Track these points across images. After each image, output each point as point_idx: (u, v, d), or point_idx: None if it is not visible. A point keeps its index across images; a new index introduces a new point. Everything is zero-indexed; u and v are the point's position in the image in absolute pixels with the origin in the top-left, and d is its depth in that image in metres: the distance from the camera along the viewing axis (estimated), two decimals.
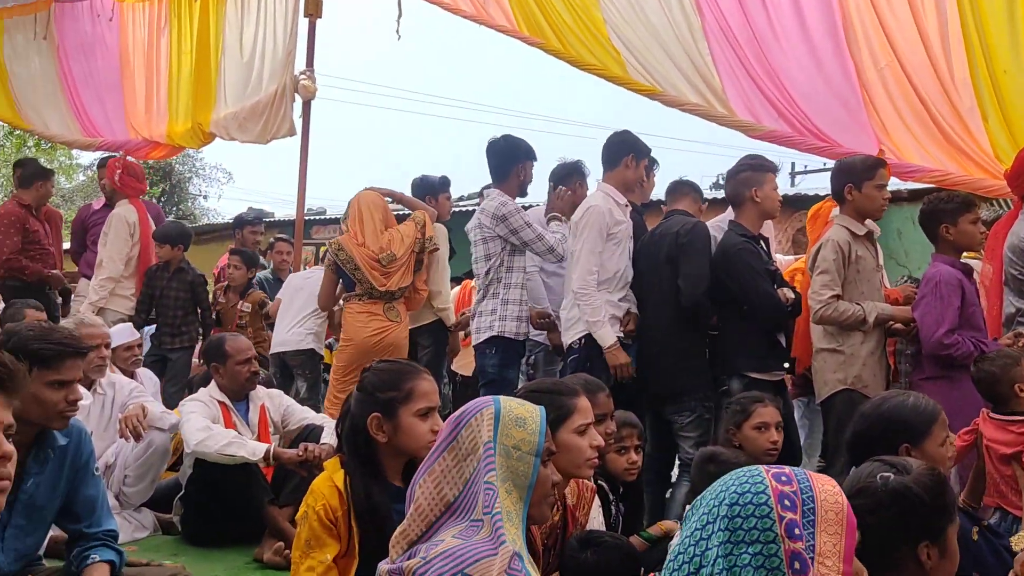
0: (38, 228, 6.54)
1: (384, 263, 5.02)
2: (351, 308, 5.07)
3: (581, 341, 4.23)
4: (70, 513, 2.82)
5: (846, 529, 1.40)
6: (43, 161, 16.44)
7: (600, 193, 4.43)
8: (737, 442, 3.31)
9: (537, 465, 1.92)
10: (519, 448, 1.92)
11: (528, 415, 1.96)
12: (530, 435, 1.92)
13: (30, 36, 7.40)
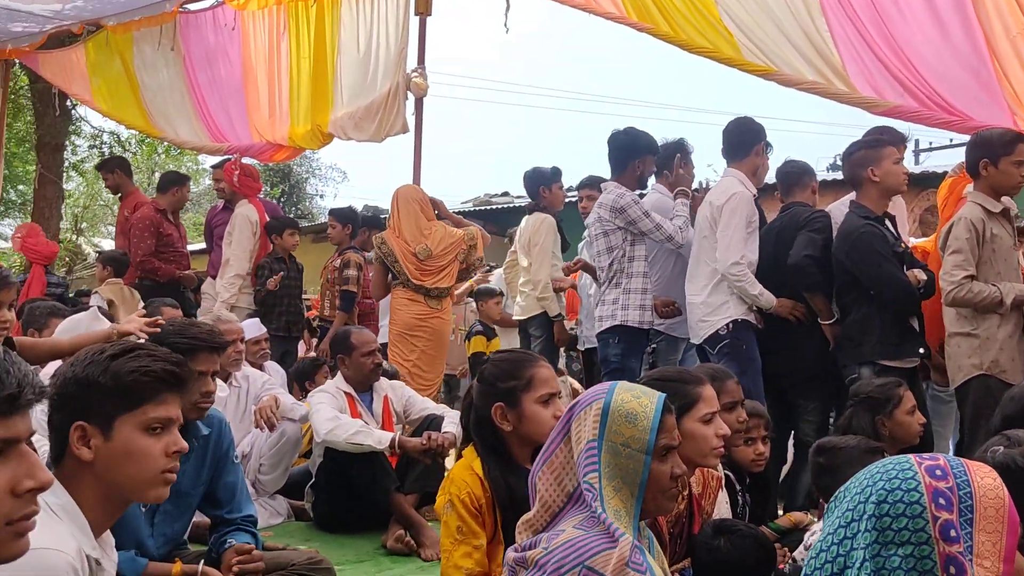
0: (172, 231, 6.92)
1: (420, 256, 5.39)
2: (396, 294, 5.53)
3: (729, 326, 4.23)
4: (212, 499, 2.98)
5: (1007, 527, 1.30)
6: (171, 166, 17.42)
7: (735, 180, 4.43)
8: (887, 431, 3.21)
9: (648, 463, 1.87)
10: (628, 446, 1.87)
11: (641, 410, 1.89)
12: (641, 432, 1.87)
13: (155, 46, 7.76)
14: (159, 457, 1.69)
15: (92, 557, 1.59)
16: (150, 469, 1.68)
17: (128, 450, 1.67)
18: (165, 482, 1.72)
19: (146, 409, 1.70)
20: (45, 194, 10.02)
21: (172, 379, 1.75)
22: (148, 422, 1.69)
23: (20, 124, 13.69)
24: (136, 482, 1.68)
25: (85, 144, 15.67)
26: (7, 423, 1.11)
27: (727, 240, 4.25)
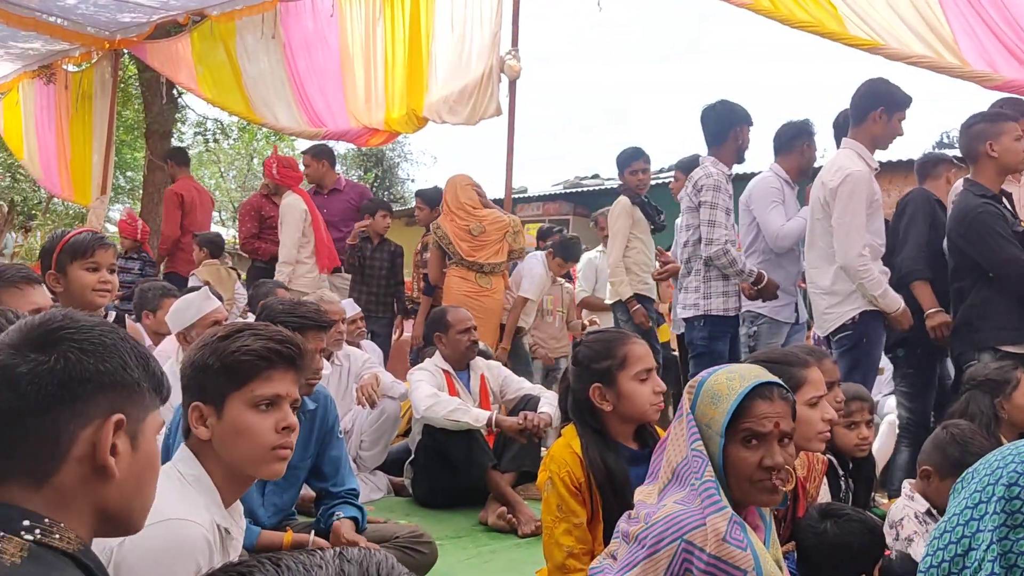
0: (274, 214, 7.13)
1: (474, 233, 5.74)
2: (449, 274, 5.79)
3: (856, 318, 3.95)
4: (318, 472, 3.08)
5: None
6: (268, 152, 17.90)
7: (851, 153, 4.04)
8: (1006, 414, 3.14)
9: (722, 445, 1.86)
10: (710, 426, 1.89)
11: (726, 392, 1.88)
12: (719, 415, 1.87)
13: (259, 36, 7.97)
14: (268, 433, 1.72)
15: (222, 526, 1.67)
16: (261, 445, 1.71)
17: (237, 427, 1.71)
18: (278, 458, 1.74)
19: (252, 387, 1.73)
20: (153, 180, 10.42)
21: (275, 356, 1.76)
22: (255, 399, 1.72)
23: (129, 112, 14.29)
24: (248, 459, 1.72)
25: (191, 131, 16.25)
26: None
27: (846, 228, 3.91)
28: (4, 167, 15.79)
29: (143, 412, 1.17)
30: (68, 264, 2.88)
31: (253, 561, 0.76)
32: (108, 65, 8.84)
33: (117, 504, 1.16)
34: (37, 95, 9.62)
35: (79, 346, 1.13)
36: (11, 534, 1.07)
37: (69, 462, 1.11)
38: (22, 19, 7.80)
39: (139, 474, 1.17)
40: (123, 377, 1.15)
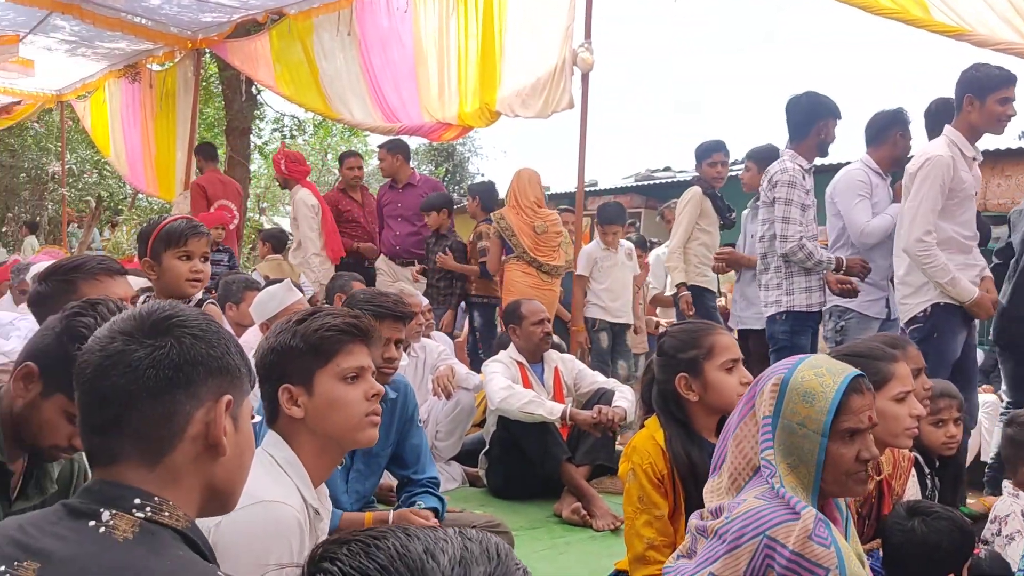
0: (351, 207, 7.28)
1: (538, 231, 5.88)
2: (510, 267, 5.90)
3: (927, 310, 3.89)
4: (399, 460, 3.14)
5: None
6: (343, 147, 18.20)
7: (942, 140, 3.95)
8: None
9: (824, 445, 1.82)
10: (804, 425, 1.84)
11: (820, 390, 1.84)
12: (817, 413, 1.83)
13: (335, 33, 8.09)
14: (360, 402, 1.81)
15: (312, 507, 1.72)
16: (355, 414, 1.80)
17: (331, 400, 1.79)
18: (372, 424, 1.83)
19: (338, 361, 1.82)
20: (234, 176, 10.68)
21: (354, 330, 1.86)
22: (343, 372, 1.81)
23: (210, 110, 14.69)
24: (345, 428, 1.80)
25: (269, 128, 16.61)
26: None
27: (912, 212, 3.86)
28: (92, 164, 16.39)
29: (242, 395, 1.25)
30: (162, 252, 2.96)
31: (385, 529, 0.79)
32: (190, 64, 9.08)
33: (223, 481, 1.23)
34: (123, 94, 9.95)
35: (191, 332, 1.20)
36: (123, 512, 1.13)
37: (184, 441, 1.18)
38: (108, 20, 8.06)
39: (241, 453, 1.25)
40: (227, 362, 1.22)
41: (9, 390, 1.76)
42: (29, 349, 1.76)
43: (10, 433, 1.75)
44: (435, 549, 0.77)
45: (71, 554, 1.08)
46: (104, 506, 1.13)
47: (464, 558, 0.78)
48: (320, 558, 0.78)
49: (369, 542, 0.78)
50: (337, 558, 0.77)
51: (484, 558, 0.79)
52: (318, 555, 0.79)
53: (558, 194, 14.77)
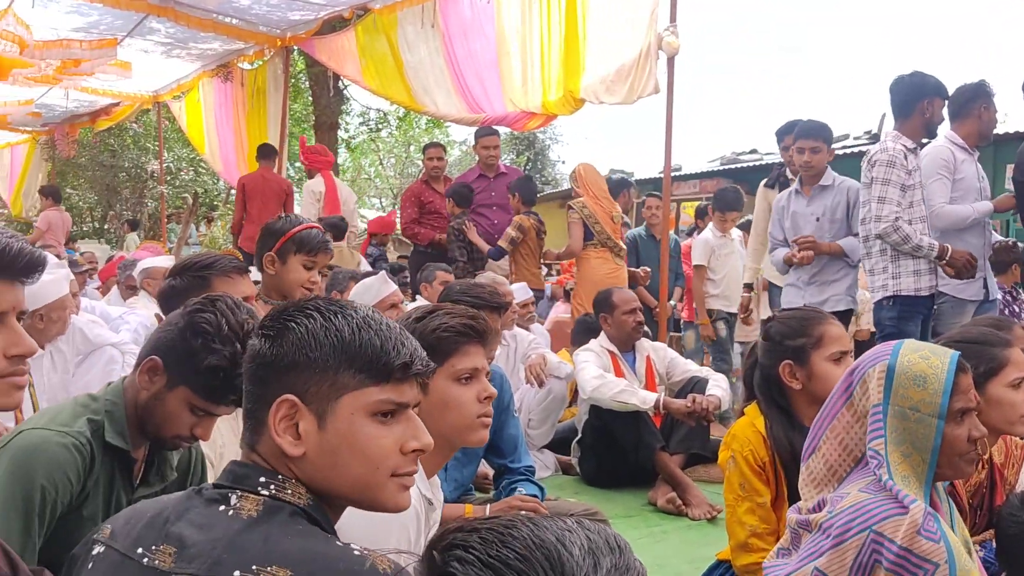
0: (433, 198, 7.37)
1: (616, 221, 6.28)
2: (587, 254, 6.19)
3: None
4: (496, 449, 3.17)
5: None
6: (426, 139, 18.44)
7: None
8: None
9: (941, 427, 1.78)
10: (918, 410, 1.79)
11: (931, 372, 1.79)
12: (931, 396, 1.78)
13: (418, 26, 8.18)
14: (473, 403, 1.83)
15: (426, 497, 1.77)
16: (467, 415, 1.82)
17: (444, 400, 1.81)
18: (483, 425, 1.85)
19: (453, 362, 1.83)
20: None
21: (471, 331, 1.87)
22: (457, 373, 1.83)
23: (298, 106, 15.03)
24: (456, 428, 1.83)
25: (355, 122, 16.92)
26: (399, 389, 1.22)
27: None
28: (188, 162, 16.96)
29: (335, 391, 1.19)
30: (291, 254, 3.02)
31: (511, 517, 0.80)
32: (279, 62, 9.31)
33: (316, 480, 1.21)
34: (216, 93, 10.26)
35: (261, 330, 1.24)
36: (249, 492, 1.18)
37: (265, 436, 1.22)
38: (201, 21, 8.32)
39: (332, 452, 1.20)
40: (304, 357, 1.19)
41: (134, 382, 1.85)
42: (153, 343, 1.85)
43: (134, 423, 1.84)
44: (565, 539, 0.78)
45: (201, 536, 1.13)
46: (234, 485, 1.19)
47: (592, 549, 0.78)
48: (451, 546, 0.78)
49: (502, 531, 0.78)
50: (470, 546, 0.77)
51: (607, 549, 0.79)
52: (446, 543, 0.79)
53: (642, 180, 14.63)
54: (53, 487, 1.67)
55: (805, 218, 4.74)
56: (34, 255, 1.37)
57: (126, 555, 1.17)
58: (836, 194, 4.70)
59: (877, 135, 12.76)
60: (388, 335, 1.21)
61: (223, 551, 1.10)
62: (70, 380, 3.73)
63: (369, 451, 1.20)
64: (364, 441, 1.20)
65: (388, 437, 1.21)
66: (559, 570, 0.75)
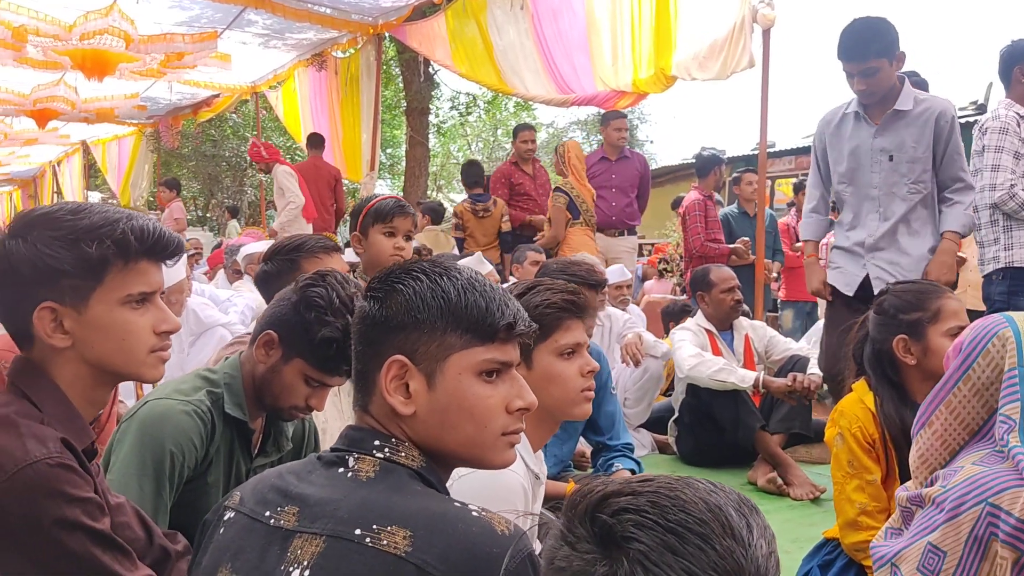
0: (523, 180, 7.41)
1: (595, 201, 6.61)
2: (574, 232, 6.42)
3: None
4: (594, 426, 3.19)
5: None
6: (513, 122, 18.47)
7: None
8: None
9: None
10: None
11: None
12: None
13: (507, 8, 8.19)
14: (576, 378, 1.85)
15: (533, 471, 1.80)
16: (572, 389, 1.84)
17: (549, 375, 1.83)
18: (586, 399, 1.87)
19: (556, 337, 1.85)
20: (415, 155, 11.06)
21: (572, 307, 1.88)
22: (560, 348, 1.85)
23: (389, 92, 15.25)
24: (561, 402, 1.85)
25: (446, 106, 17.07)
26: (504, 349, 1.24)
27: None
28: (285, 150, 17.41)
29: (443, 351, 1.22)
30: (370, 227, 3.11)
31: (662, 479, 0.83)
32: (372, 49, 9.45)
33: (427, 440, 1.24)
34: (311, 81, 10.50)
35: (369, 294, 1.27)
36: (365, 454, 1.22)
37: (376, 397, 1.25)
38: (296, 11, 8.51)
39: (441, 411, 1.22)
40: (412, 319, 1.22)
41: (251, 356, 1.93)
42: (268, 318, 1.92)
43: (251, 395, 1.92)
44: (721, 502, 0.81)
45: (323, 497, 1.18)
46: (351, 448, 1.23)
47: (742, 511, 0.81)
48: (622, 510, 0.80)
49: (670, 494, 0.81)
50: (643, 510, 0.79)
51: (748, 509, 0.82)
52: (614, 508, 0.80)
53: (735, 157, 14.33)
54: (180, 452, 1.76)
55: (871, 155, 3.81)
56: (177, 240, 1.49)
57: (254, 518, 1.22)
58: (918, 122, 3.72)
59: (984, 105, 12.21)
60: (492, 296, 1.24)
61: (344, 510, 1.14)
62: (185, 359, 3.90)
63: (477, 410, 1.23)
64: (472, 400, 1.22)
65: (495, 396, 1.24)
66: (729, 532, 0.78)
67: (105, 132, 15.01)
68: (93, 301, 1.39)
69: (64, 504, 1.29)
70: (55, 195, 19.27)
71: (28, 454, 1.28)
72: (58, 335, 1.38)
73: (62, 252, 1.36)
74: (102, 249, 1.37)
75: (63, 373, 1.40)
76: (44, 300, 1.37)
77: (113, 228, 1.39)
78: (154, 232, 1.44)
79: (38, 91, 10.41)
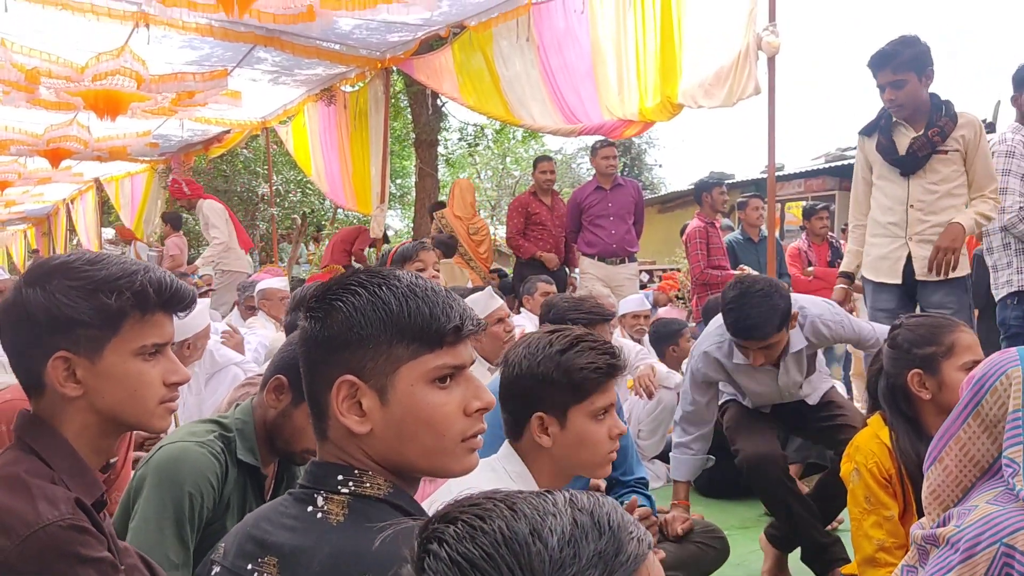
0: (539, 210, 7.43)
1: (471, 233, 7.18)
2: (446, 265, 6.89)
3: None
4: None
5: None
6: (521, 151, 18.60)
7: None
8: None
9: None
10: None
11: None
12: None
13: (513, 39, 8.26)
14: (605, 441, 1.86)
15: None
16: (600, 453, 1.86)
17: (582, 438, 1.83)
18: (610, 461, 1.89)
19: (594, 399, 1.85)
20: (424, 186, 11.12)
21: (612, 371, 1.88)
22: (596, 411, 1.85)
23: (398, 124, 15.37)
24: (588, 464, 1.87)
25: (454, 137, 17.19)
26: (454, 352, 1.20)
27: None
28: (296, 184, 17.56)
29: (391, 364, 1.18)
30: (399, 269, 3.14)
31: (490, 504, 0.77)
32: (380, 83, 9.54)
33: (387, 455, 1.20)
34: (320, 116, 10.60)
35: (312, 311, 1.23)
36: (332, 493, 1.19)
37: (331, 420, 1.21)
38: (305, 48, 8.62)
39: (398, 425, 1.19)
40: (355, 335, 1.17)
41: (262, 401, 1.94)
42: (277, 363, 1.94)
43: (264, 440, 1.93)
44: (542, 528, 0.74)
45: (299, 544, 1.14)
46: (317, 487, 1.20)
47: (574, 536, 0.74)
48: (429, 537, 0.76)
49: (475, 524, 0.75)
50: (444, 540, 0.75)
51: (595, 533, 0.75)
52: (428, 532, 0.77)
53: (744, 181, 14.36)
54: (199, 492, 1.77)
55: None
56: (190, 292, 1.50)
57: (237, 573, 1.19)
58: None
59: (993, 124, 12.21)
60: (436, 301, 1.19)
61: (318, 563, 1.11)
62: (200, 398, 3.92)
63: (435, 419, 1.19)
64: (428, 410, 1.19)
65: (450, 402, 1.20)
66: (528, 569, 0.71)
67: (118, 169, 15.16)
68: (108, 351, 1.40)
69: (78, 566, 1.29)
70: (69, 232, 19.44)
71: (40, 517, 1.28)
72: (70, 384, 1.39)
73: (80, 302, 1.37)
74: (121, 300, 1.39)
75: (72, 423, 1.41)
76: (59, 349, 1.38)
77: (132, 280, 1.41)
78: (171, 285, 1.45)
79: (51, 131, 10.55)
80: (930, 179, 3.83)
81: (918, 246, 3.87)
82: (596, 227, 6.98)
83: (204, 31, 7.74)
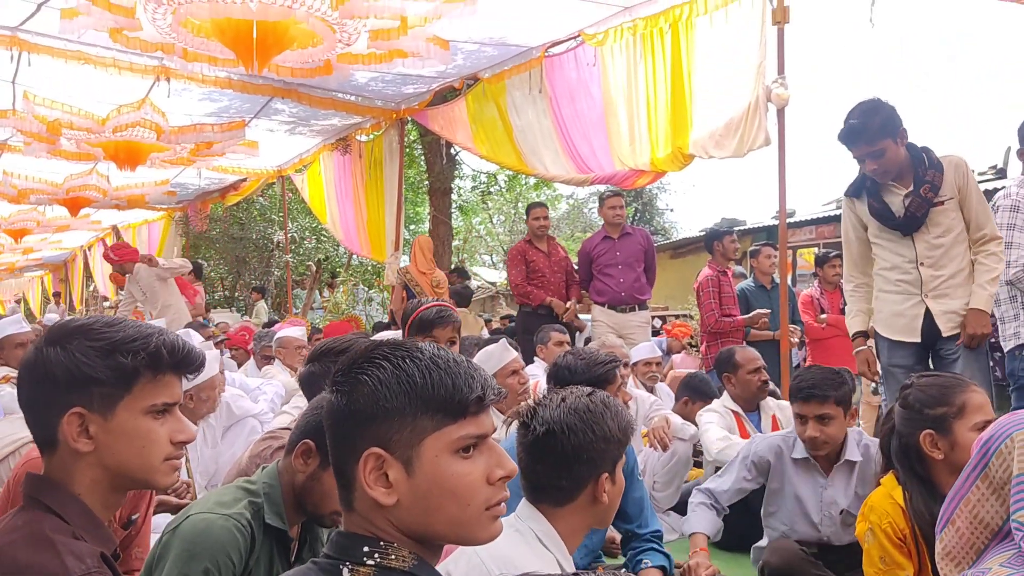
0: (536, 257, 7.47)
1: (433, 284, 7.65)
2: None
3: None
4: (622, 514, 3.16)
5: None
6: (533, 195, 18.70)
7: None
8: None
9: None
10: None
11: None
12: None
13: (526, 91, 8.40)
14: (617, 497, 2.02)
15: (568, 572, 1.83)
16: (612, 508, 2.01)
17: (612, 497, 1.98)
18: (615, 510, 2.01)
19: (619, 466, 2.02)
20: (438, 233, 11.23)
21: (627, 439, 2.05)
22: (617, 476, 2.00)
23: (412, 172, 15.56)
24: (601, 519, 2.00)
25: (467, 184, 17.36)
26: (477, 421, 1.24)
27: None
28: (311, 231, 17.73)
29: (416, 436, 1.20)
30: (414, 336, 3.20)
31: None
32: (395, 133, 9.70)
33: (412, 526, 1.23)
34: (335, 165, 10.76)
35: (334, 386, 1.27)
36: (356, 564, 1.22)
37: (358, 491, 1.23)
38: (322, 100, 8.78)
39: (424, 496, 1.21)
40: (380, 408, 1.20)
41: (288, 465, 1.98)
42: (303, 427, 1.98)
43: (290, 503, 1.96)
44: None
45: None
46: (343, 558, 1.22)
47: None
48: None
49: None
50: None
51: None
52: None
53: (755, 228, 14.41)
54: (216, 568, 1.79)
55: None
56: (199, 356, 1.57)
57: None
58: None
59: (1003, 169, 12.25)
60: (458, 372, 1.22)
61: None
62: (218, 452, 3.95)
63: (459, 489, 1.22)
64: (453, 480, 1.21)
65: (474, 472, 1.23)
66: None
67: (136, 217, 15.37)
68: (120, 409, 1.46)
69: None
70: (86, 278, 19.62)
71: (68, 572, 1.33)
72: (83, 440, 1.45)
73: (97, 361, 1.44)
74: (135, 361, 1.46)
75: (83, 479, 1.47)
76: (74, 405, 1.44)
77: (147, 342, 1.48)
78: (183, 348, 1.53)
79: (71, 180, 10.74)
80: (933, 233, 3.81)
81: (935, 302, 3.81)
82: (605, 276, 7.03)
83: (223, 84, 7.91)
